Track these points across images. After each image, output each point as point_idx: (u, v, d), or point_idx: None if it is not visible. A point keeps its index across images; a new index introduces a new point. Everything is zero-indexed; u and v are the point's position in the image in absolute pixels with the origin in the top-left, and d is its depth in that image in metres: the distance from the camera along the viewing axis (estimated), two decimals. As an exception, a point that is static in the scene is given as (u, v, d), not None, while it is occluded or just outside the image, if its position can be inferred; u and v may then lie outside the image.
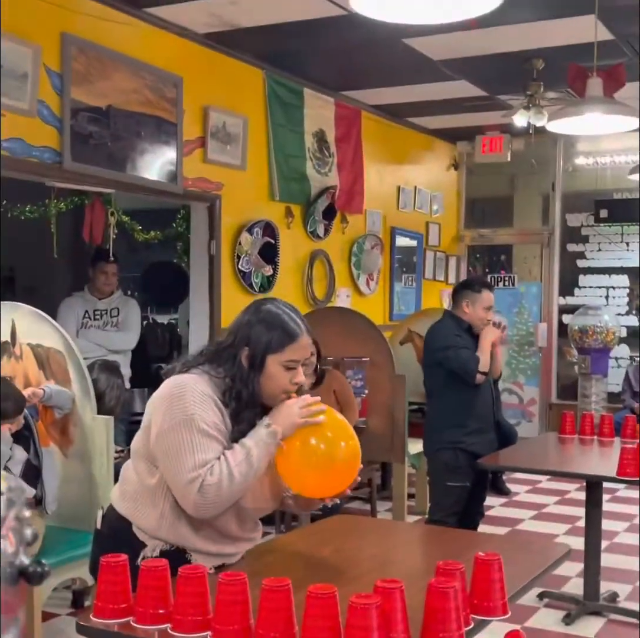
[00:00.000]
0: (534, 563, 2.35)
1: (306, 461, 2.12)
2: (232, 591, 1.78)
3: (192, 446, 2.09)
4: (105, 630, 1.90)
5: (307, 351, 2.23)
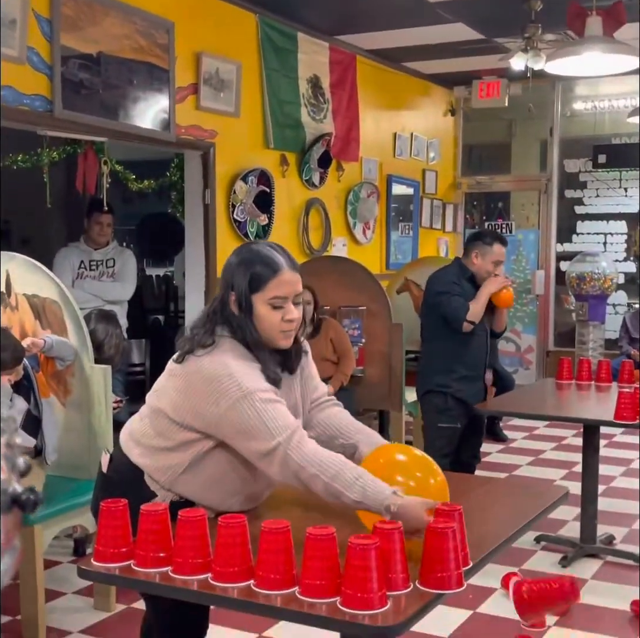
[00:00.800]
0: (532, 505, 2.37)
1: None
2: (232, 533, 1.79)
3: (263, 418, 2.03)
4: (106, 574, 1.91)
5: (293, 287, 2.15)
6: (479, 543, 2.05)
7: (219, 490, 2.18)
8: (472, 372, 4.38)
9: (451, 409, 4.36)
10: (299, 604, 1.71)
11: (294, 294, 2.15)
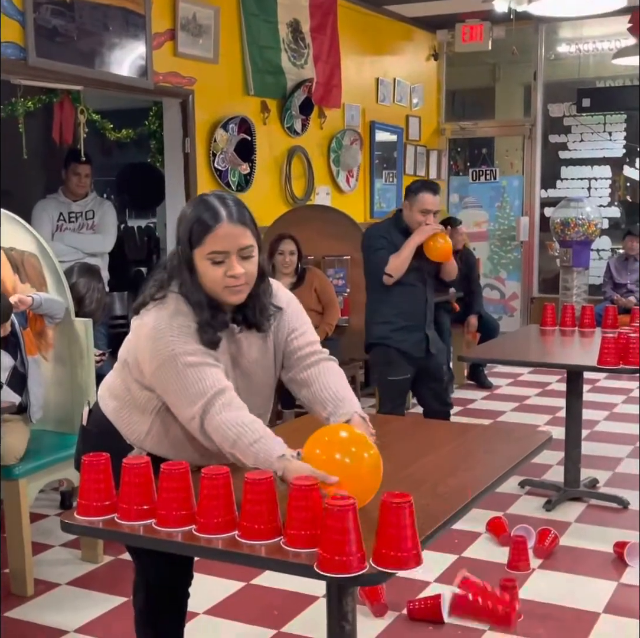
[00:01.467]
0: (515, 450, 2.37)
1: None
2: (215, 485, 1.77)
3: (184, 382, 1.98)
4: (90, 528, 1.91)
5: (234, 241, 2.01)
6: (461, 489, 2.05)
7: (188, 450, 2.11)
8: (410, 322, 4.32)
9: (395, 361, 4.34)
10: (283, 554, 1.71)
11: (237, 248, 2.01)
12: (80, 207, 5.27)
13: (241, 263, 2.03)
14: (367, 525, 1.67)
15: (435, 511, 1.90)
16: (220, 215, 2.01)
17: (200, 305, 2.04)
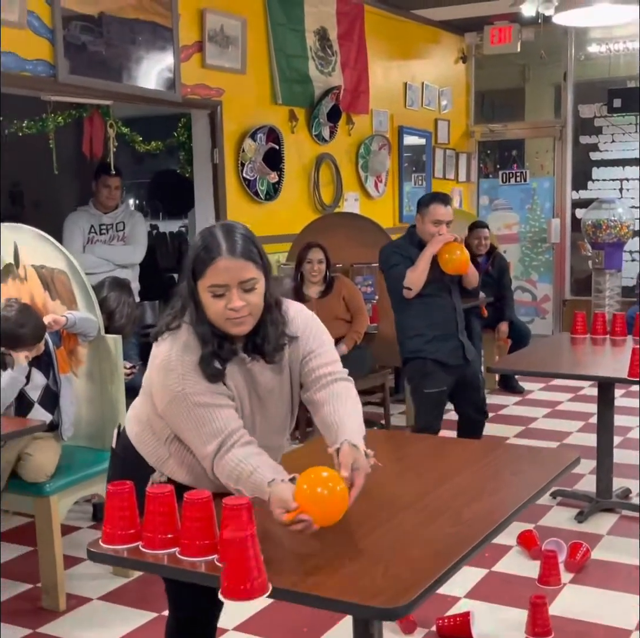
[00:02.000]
0: (543, 472, 2.36)
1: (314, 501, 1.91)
2: (236, 515, 1.78)
3: (195, 422, 2.02)
4: (115, 556, 1.93)
5: (234, 274, 1.98)
6: (486, 515, 2.05)
7: (205, 478, 2.11)
8: (441, 332, 4.31)
9: (432, 373, 4.32)
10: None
11: (238, 281, 1.99)
12: (111, 219, 5.32)
13: (243, 295, 2.00)
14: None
15: (460, 540, 1.90)
16: (221, 248, 1.99)
17: (205, 337, 2.04)
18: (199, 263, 2.01)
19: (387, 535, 1.94)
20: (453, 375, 4.35)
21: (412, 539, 1.91)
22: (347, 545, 1.88)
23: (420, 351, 4.34)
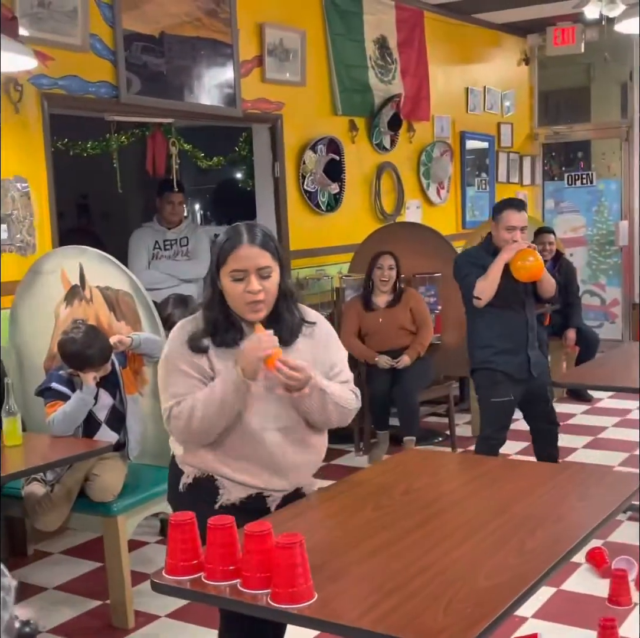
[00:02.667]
0: (609, 497, 2.31)
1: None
2: (289, 554, 1.78)
3: (166, 382, 2.29)
4: (178, 588, 1.95)
5: (252, 261, 2.23)
6: (551, 545, 2.01)
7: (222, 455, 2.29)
8: (511, 345, 4.25)
9: (500, 383, 4.27)
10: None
11: (256, 267, 2.23)
12: (175, 234, 5.38)
13: (260, 281, 2.24)
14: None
15: (524, 573, 1.87)
16: (242, 238, 2.25)
17: (216, 321, 2.27)
18: (222, 252, 2.26)
19: (450, 566, 1.92)
20: (521, 387, 4.29)
21: (476, 571, 1.88)
22: (408, 578, 1.87)
23: (488, 362, 4.30)
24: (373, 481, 2.60)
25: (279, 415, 2.31)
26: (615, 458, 5.20)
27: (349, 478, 2.68)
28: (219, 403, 2.21)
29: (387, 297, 5.45)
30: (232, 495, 2.32)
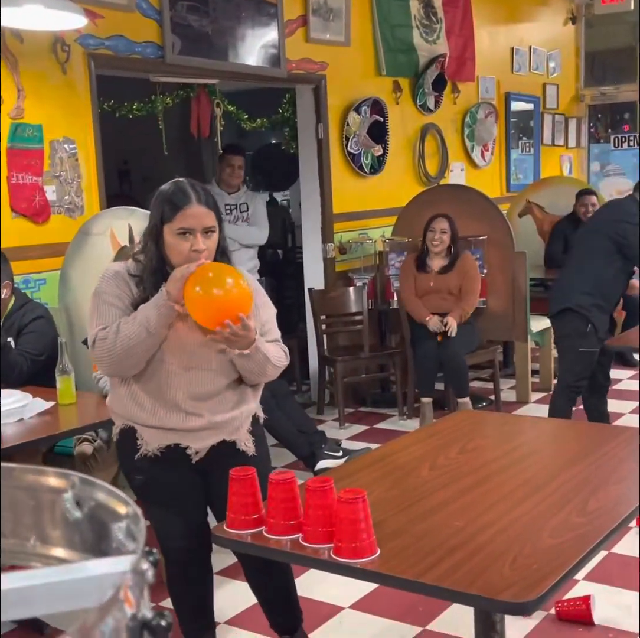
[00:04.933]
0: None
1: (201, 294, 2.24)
2: (352, 509, 1.78)
3: (92, 313, 2.37)
4: (239, 541, 1.96)
5: (200, 220, 2.30)
6: (614, 506, 1.99)
7: (140, 395, 2.39)
8: (607, 304, 4.35)
9: (589, 333, 4.33)
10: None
11: (202, 227, 2.30)
12: (235, 199, 5.40)
13: (204, 240, 2.31)
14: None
15: (588, 532, 1.85)
16: (190, 197, 2.31)
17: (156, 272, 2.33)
18: (169, 209, 2.31)
19: (512, 524, 1.91)
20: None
21: (539, 529, 1.87)
22: (471, 535, 1.86)
23: (586, 309, 4.33)
24: (427, 441, 2.59)
25: (202, 356, 2.37)
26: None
27: (401, 439, 2.68)
28: (144, 326, 2.27)
29: (442, 261, 5.38)
30: (149, 445, 2.39)
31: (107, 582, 0.58)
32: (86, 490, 0.72)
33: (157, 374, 2.37)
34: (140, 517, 0.70)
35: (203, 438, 2.41)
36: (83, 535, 0.72)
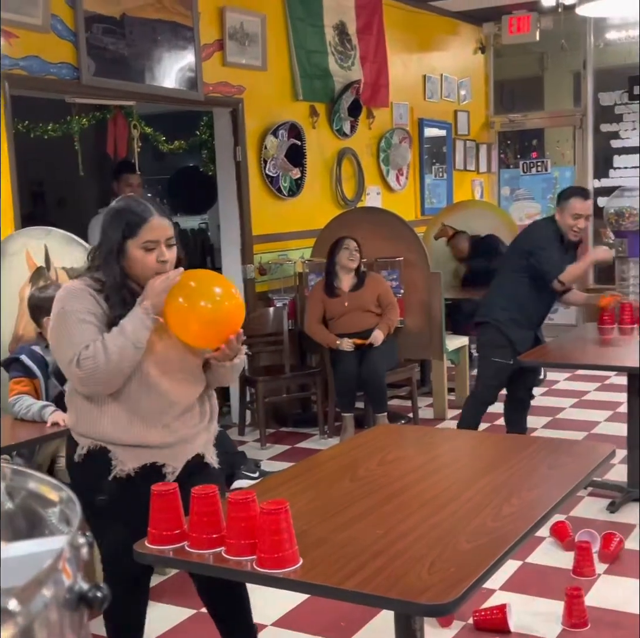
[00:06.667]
0: (579, 466, 2.37)
1: (190, 311, 2.28)
2: (275, 519, 1.80)
3: (68, 333, 2.30)
4: (161, 556, 1.96)
5: (164, 231, 2.34)
6: (527, 511, 2.06)
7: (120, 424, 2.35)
8: (525, 320, 4.56)
9: (502, 346, 4.55)
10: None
11: (165, 237, 2.35)
12: None
13: (167, 251, 2.35)
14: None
15: (503, 535, 1.92)
16: (152, 210, 2.35)
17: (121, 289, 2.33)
18: (132, 224, 2.32)
19: (431, 530, 1.96)
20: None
21: (456, 534, 1.93)
22: (391, 542, 1.90)
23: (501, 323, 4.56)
24: (348, 455, 2.63)
25: (177, 364, 2.39)
26: (575, 437, 5.30)
27: (323, 453, 2.72)
28: (129, 338, 2.26)
29: (351, 281, 5.48)
30: (125, 465, 2.35)
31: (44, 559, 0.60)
32: (18, 480, 0.73)
33: (132, 387, 2.34)
34: (75, 501, 0.72)
35: (179, 454, 2.40)
36: (15, 525, 0.73)
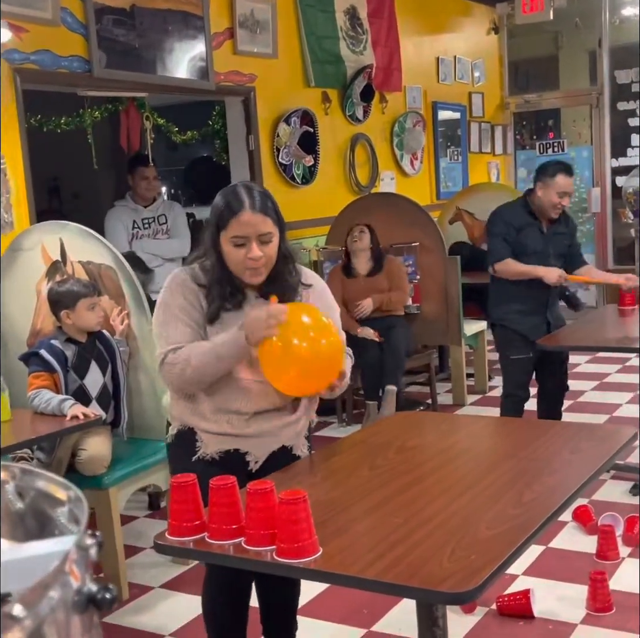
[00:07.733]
0: (601, 450, 2.35)
1: (287, 359, 2.19)
2: (293, 510, 1.79)
3: (163, 328, 2.29)
4: (181, 548, 1.96)
5: (254, 227, 2.24)
6: (548, 496, 2.05)
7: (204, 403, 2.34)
8: (527, 307, 4.36)
9: (514, 341, 4.38)
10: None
11: (256, 234, 2.24)
12: (152, 212, 5.30)
13: (260, 247, 2.25)
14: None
15: (524, 521, 1.90)
16: (244, 204, 2.24)
17: (221, 281, 2.29)
18: (223, 216, 2.26)
19: (451, 518, 1.95)
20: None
21: (476, 521, 1.91)
22: (410, 530, 1.89)
23: (503, 320, 4.42)
24: (367, 442, 2.62)
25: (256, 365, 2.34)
26: (597, 420, 5.27)
27: (342, 441, 2.71)
28: (217, 359, 2.23)
29: (368, 265, 5.46)
30: (209, 448, 2.34)
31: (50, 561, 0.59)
32: (27, 480, 0.73)
33: (226, 388, 2.32)
34: (82, 500, 0.72)
35: (263, 444, 2.36)
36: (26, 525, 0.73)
